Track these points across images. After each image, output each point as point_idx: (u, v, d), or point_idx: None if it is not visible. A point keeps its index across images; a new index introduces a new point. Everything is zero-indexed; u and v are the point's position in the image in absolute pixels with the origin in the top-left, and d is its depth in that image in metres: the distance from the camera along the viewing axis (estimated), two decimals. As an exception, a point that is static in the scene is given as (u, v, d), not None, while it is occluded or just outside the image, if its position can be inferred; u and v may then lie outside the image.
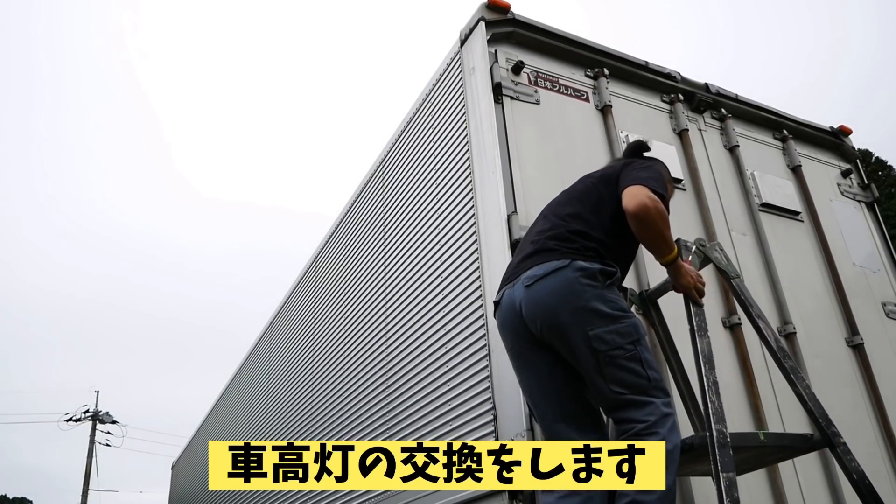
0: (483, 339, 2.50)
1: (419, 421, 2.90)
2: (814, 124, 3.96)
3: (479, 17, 2.99)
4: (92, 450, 22.57)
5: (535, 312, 1.92)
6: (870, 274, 3.58)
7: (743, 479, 2.19)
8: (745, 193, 3.35)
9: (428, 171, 3.24)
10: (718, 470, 1.72)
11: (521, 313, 1.97)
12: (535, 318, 1.92)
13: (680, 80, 3.49)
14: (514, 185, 2.67)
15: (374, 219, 3.83)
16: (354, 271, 4.00)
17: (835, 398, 2.86)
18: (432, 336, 2.89)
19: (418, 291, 3.10)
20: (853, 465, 1.94)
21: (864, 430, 2.94)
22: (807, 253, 3.40)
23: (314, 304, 4.74)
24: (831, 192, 3.79)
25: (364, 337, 3.69)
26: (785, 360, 2.07)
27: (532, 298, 1.93)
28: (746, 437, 1.92)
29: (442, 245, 2.96)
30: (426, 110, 3.41)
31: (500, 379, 2.35)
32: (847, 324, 3.25)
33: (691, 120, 3.43)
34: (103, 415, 23.42)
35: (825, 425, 1.98)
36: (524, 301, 1.95)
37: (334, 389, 4.02)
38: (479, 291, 2.58)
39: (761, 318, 2.13)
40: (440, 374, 2.77)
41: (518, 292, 1.98)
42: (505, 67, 2.94)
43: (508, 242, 2.48)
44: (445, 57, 3.30)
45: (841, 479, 2.65)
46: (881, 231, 3.82)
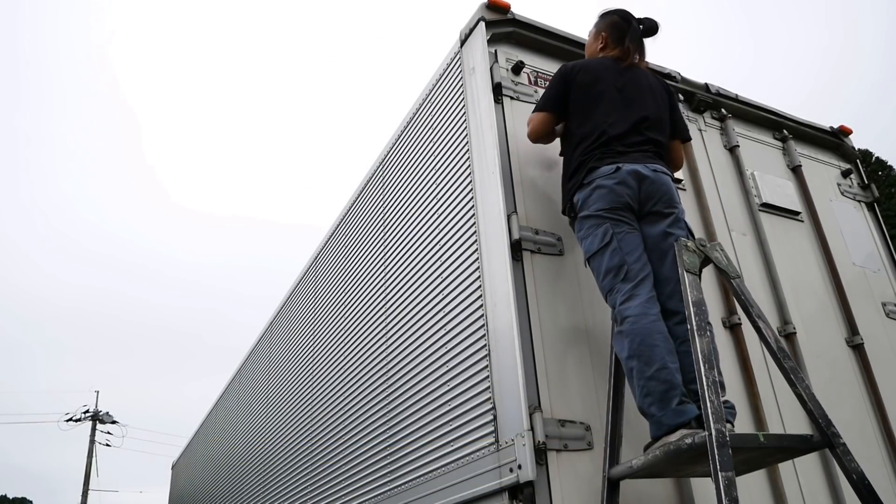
0: (483, 339, 2.49)
1: (419, 421, 2.89)
2: (814, 124, 3.96)
3: (479, 17, 2.99)
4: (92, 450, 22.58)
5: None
6: (870, 274, 3.58)
7: (743, 480, 2.19)
8: (745, 193, 3.35)
9: (428, 171, 3.24)
10: (717, 469, 1.72)
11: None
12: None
13: (680, 80, 3.49)
14: (514, 185, 2.68)
15: (374, 219, 3.83)
16: (354, 271, 4.00)
17: (835, 398, 2.87)
18: (432, 336, 2.89)
19: (418, 291, 3.10)
20: (853, 465, 1.94)
21: (864, 431, 2.94)
22: (807, 253, 3.40)
23: (314, 303, 4.74)
24: (831, 192, 3.79)
25: (364, 336, 3.68)
26: (785, 361, 2.07)
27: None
28: (746, 438, 1.92)
29: (442, 245, 2.96)
30: (426, 110, 3.41)
31: (500, 379, 2.35)
32: (847, 324, 3.25)
33: (691, 120, 3.43)
34: (103, 415, 23.45)
35: (825, 426, 1.98)
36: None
37: (334, 389, 4.02)
38: (479, 291, 2.58)
39: (761, 318, 2.13)
40: (440, 374, 2.77)
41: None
42: (505, 67, 2.94)
43: (508, 242, 2.49)
44: (445, 57, 3.30)
45: (841, 480, 2.65)
46: (881, 231, 3.82)
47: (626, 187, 2.32)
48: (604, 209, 2.31)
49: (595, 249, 2.30)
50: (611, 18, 2.73)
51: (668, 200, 2.37)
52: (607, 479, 2.10)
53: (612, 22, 2.72)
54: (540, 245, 2.59)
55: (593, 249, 2.31)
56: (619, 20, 2.70)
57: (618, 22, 2.71)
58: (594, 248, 2.30)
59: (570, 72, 2.61)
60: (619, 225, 2.30)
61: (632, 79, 2.59)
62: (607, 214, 2.30)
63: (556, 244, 2.63)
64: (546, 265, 2.57)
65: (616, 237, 2.27)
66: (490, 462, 2.31)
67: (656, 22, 2.68)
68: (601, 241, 2.28)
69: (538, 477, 2.11)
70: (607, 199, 2.31)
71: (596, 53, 2.75)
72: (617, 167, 2.34)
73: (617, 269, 2.23)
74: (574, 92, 2.56)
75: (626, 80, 2.57)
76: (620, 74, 2.58)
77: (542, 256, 2.58)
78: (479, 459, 2.38)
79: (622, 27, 2.68)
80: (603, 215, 2.31)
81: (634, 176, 2.33)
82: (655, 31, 2.69)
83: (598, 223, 2.30)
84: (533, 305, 2.43)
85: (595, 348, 2.47)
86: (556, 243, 2.63)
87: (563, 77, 2.61)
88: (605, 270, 2.27)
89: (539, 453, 2.14)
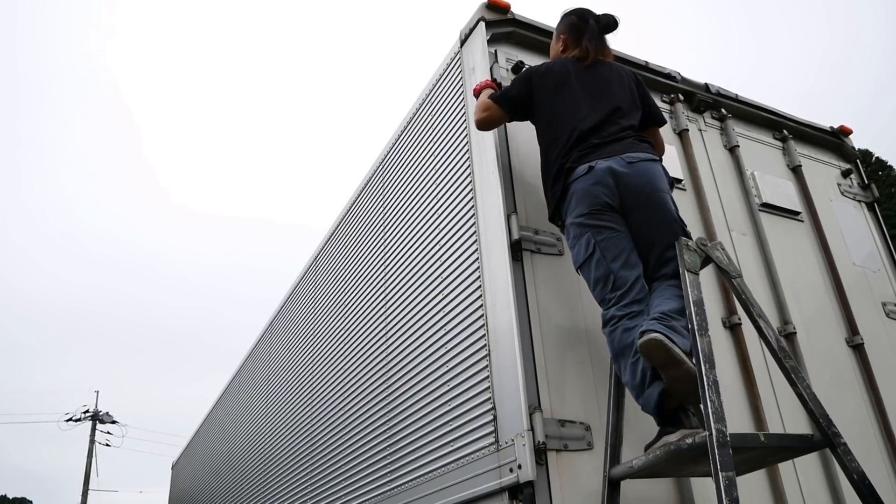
0: (483, 339, 2.49)
1: (419, 421, 2.89)
2: (814, 124, 3.96)
3: (479, 18, 2.99)
4: (92, 450, 22.59)
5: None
6: (870, 274, 3.58)
7: (743, 480, 2.19)
8: (745, 193, 3.35)
9: (428, 171, 3.24)
10: (718, 469, 1.72)
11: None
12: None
13: (680, 80, 3.49)
14: (514, 185, 2.68)
15: (374, 219, 3.83)
16: (354, 271, 4.00)
17: (835, 398, 2.86)
18: (432, 336, 2.89)
19: (418, 291, 3.10)
20: (853, 465, 1.94)
21: (865, 430, 2.94)
22: (807, 253, 3.40)
23: (314, 303, 4.74)
24: (831, 192, 3.79)
25: (364, 336, 3.68)
26: (786, 360, 2.06)
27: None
28: (746, 437, 1.92)
29: (442, 245, 2.95)
30: (426, 110, 3.41)
31: (500, 379, 2.35)
32: (847, 324, 3.25)
33: (691, 120, 3.43)
34: (103, 415, 23.46)
35: (825, 425, 1.98)
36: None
37: (334, 389, 4.02)
38: (479, 291, 2.58)
39: (762, 317, 2.13)
40: (440, 374, 2.77)
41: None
42: (505, 67, 2.94)
43: (508, 242, 2.48)
44: (445, 57, 3.30)
45: (841, 480, 2.65)
46: (881, 231, 3.82)
47: (602, 186, 2.26)
48: (583, 214, 2.27)
49: (581, 260, 2.28)
50: (569, 19, 2.73)
51: (650, 186, 2.28)
52: (608, 479, 2.10)
53: (569, 23, 2.72)
54: (540, 245, 2.59)
55: (580, 260, 2.29)
56: (577, 20, 2.70)
57: (575, 22, 2.70)
58: (581, 258, 2.29)
59: (533, 75, 2.60)
60: (601, 231, 2.24)
61: (597, 74, 2.57)
62: (588, 221, 2.26)
63: (556, 244, 2.63)
64: (546, 265, 2.57)
65: (598, 246, 2.22)
66: (490, 462, 2.31)
67: (614, 17, 2.67)
68: (585, 251, 2.26)
69: (538, 477, 2.11)
70: (584, 202, 2.27)
71: (559, 55, 2.74)
72: (589, 167, 2.29)
73: (605, 280, 2.21)
74: (538, 94, 2.54)
75: (591, 76, 2.56)
76: (584, 72, 2.57)
77: (542, 256, 2.58)
78: (479, 459, 2.38)
79: (579, 27, 2.68)
80: (584, 222, 2.26)
81: (609, 173, 2.27)
82: (614, 27, 2.68)
83: (581, 232, 2.27)
84: (533, 305, 2.43)
85: (595, 348, 2.47)
86: (556, 243, 2.63)
87: (528, 80, 2.59)
88: (593, 280, 2.25)
89: (539, 453, 2.14)
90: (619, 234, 2.26)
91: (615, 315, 2.16)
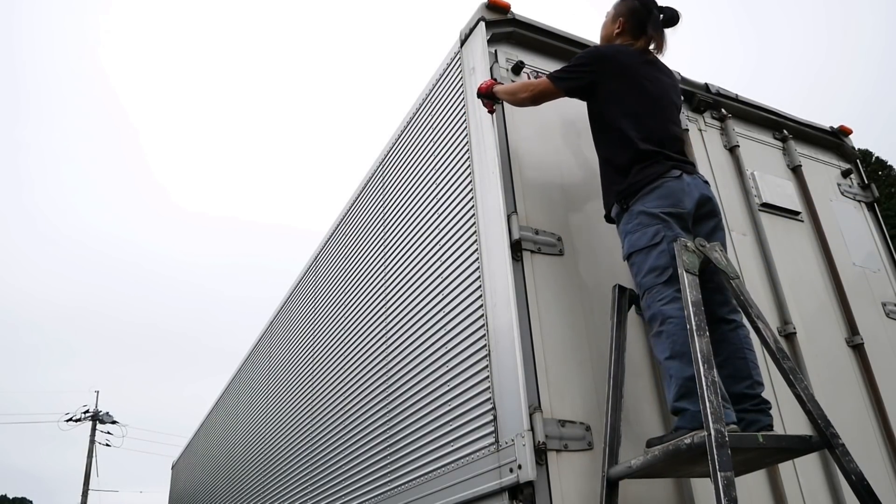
0: (483, 339, 2.50)
1: (419, 421, 2.90)
2: (814, 124, 3.96)
3: (479, 17, 2.99)
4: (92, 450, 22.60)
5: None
6: (870, 274, 3.58)
7: (743, 480, 2.19)
8: (745, 193, 3.35)
9: (428, 171, 3.24)
10: (716, 469, 1.72)
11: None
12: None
13: (680, 80, 3.48)
14: (514, 185, 2.68)
15: (374, 219, 3.83)
16: (354, 271, 4.00)
17: (835, 398, 2.87)
18: (432, 336, 2.89)
19: (418, 291, 3.10)
20: (852, 466, 1.94)
21: (864, 431, 2.94)
22: (807, 253, 3.40)
23: (313, 303, 4.74)
24: (831, 192, 3.79)
25: (364, 336, 3.69)
26: (784, 361, 2.07)
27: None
28: (745, 438, 1.92)
29: (442, 245, 2.96)
30: (426, 110, 3.41)
31: (500, 379, 2.35)
32: (847, 324, 3.25)
33: (691, 120, 3.43)
34: (103, 415, 23.46)
35: (824, 426, 1.98)
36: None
37: (334, 389, 4.02)
38: (479, 291, 2.58)
39: (760, 318, 2.13)
40: (440, 374, 2.77)
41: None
42: (505, 67, 2.94)
43: (508, 242, 2.49)
44: (445, 57, 3.30)
45: (841, 480, 2.65)
46: (881, 231, 3.82)
47: (689, 198, 2.28)
48: (663, 211, 2.24)
49: (642, 246, 2.23)
50: (630, 4, 2.58)
51: (713, 208, 2.37)
52: (606, 479, 2.10)
53: (631, 7, 2.57)
54: (540, 245, 2.59)
55: (640, 246, 2.24)
56: (640, 7, 2.56)
57: (638, 9, 2.56)
58: (641, 244, 2.23)
59: (606, 59, 2.49)
60: (672, 229, 2.22)
61: (658, 74, 2.52)
62: (665, 216, 2.23)
63: (556, 244, 2.63)
64: (546, 265, 2.57)
65: (667, 240, 2.19)
66: (490, 462, 2.32)
67: (677, 11, 2.56)
68: (650, 239, 2.21)
69: (538, 477, 2.11)
70: (670, 200, 2.25)
71: (611, 38, 2.62)
72: (681, 173, 2.30)
73: (661, 270, 2.17)
74: (612, 82, 2.45)
75: (653, 75, 2.50)
76: (648, 68, 2.50)
77: (542, 256, 2.58)
78: (479, 459, 2.38)
79: (642, 15, 2.55)
80: (660, 214, 2.23)
81: (697, 188, 2.32)
82: (676, 22, 2.57)
83: (652, 222, 2.23)
84: (533, 305, 2.43)
85: (595, 348, 2.47)
86: (556, 243, 2.63)
87: (599, 62, 2.49)
88: (648, 268, 2.20)
89: (539, 453, 2.14)
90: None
91: (674, 309, 2.11)
